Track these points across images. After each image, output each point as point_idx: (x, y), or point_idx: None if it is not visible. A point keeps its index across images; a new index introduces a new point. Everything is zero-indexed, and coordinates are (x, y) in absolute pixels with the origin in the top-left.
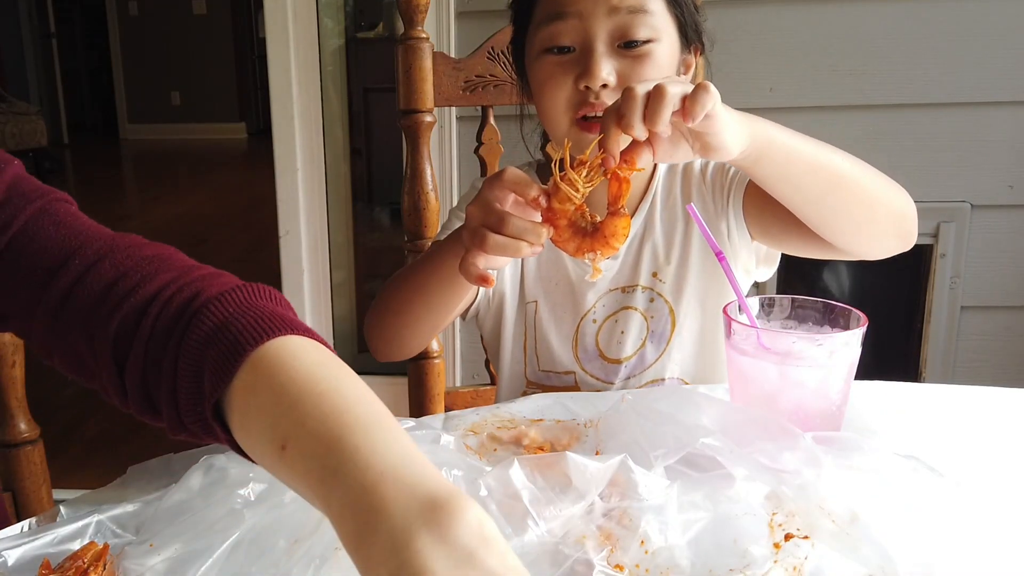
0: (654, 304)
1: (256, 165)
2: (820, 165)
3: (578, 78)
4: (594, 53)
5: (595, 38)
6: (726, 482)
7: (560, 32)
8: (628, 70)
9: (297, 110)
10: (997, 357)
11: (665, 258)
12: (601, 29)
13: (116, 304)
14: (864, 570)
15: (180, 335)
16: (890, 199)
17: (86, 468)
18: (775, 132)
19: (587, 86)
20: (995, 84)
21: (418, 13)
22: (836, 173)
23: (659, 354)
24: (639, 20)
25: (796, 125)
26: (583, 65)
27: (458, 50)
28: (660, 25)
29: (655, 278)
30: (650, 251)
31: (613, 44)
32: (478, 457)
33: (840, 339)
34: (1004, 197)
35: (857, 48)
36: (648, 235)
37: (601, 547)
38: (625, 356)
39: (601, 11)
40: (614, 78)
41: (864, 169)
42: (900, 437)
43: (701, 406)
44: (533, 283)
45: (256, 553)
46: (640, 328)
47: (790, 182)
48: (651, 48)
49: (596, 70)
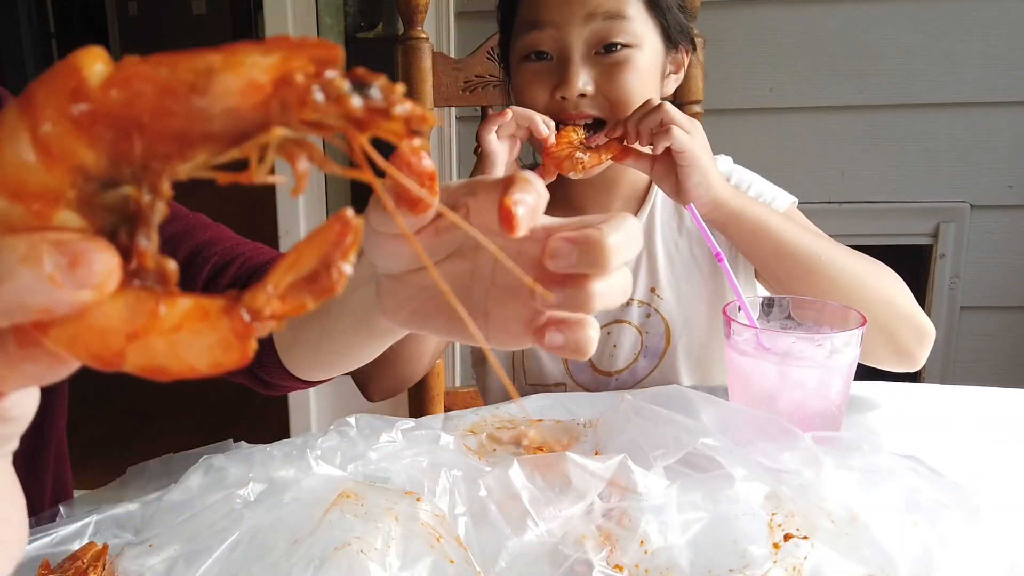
0: (650, 320)
1: None
2: (792, 251)
3: (555, 88)
4: (570, 64)
5: (571, 47)
6: (726, 482)
7: (537, 41)
8: (606, 78)
9: None
10: (996, 357)
11: (668, 274)
12: (577, 38)
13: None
14: (864, 570)
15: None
16: (883, 311)
17: (86, 468)
18: (752, 208)
19: (564, 96)
20: (995, 84)
21: (418, 13)
22: (809, 263)
23: (651, 369)
24: (617, 26)
25: (796, 125)
26: (560, 75)
27: (458, 50)
28: (639, 31)
29: (653, 293)
30: (647, 265)
31: (591, 51)
32: (477, 457)
33: (840, 339)
34: (1003, 197)
35: (857, 48)
36: (647, 248)
37: (601, 547)
38: (616, 369)
39: (577, 19)
40: (591, 87)
41: (856, 270)
42: (900, 437)
43: (701, 406)
44: None
45: (255, 553)
46: (634, 342)
47: (757, 257)
48: (629, 54)
49: (572, 81)
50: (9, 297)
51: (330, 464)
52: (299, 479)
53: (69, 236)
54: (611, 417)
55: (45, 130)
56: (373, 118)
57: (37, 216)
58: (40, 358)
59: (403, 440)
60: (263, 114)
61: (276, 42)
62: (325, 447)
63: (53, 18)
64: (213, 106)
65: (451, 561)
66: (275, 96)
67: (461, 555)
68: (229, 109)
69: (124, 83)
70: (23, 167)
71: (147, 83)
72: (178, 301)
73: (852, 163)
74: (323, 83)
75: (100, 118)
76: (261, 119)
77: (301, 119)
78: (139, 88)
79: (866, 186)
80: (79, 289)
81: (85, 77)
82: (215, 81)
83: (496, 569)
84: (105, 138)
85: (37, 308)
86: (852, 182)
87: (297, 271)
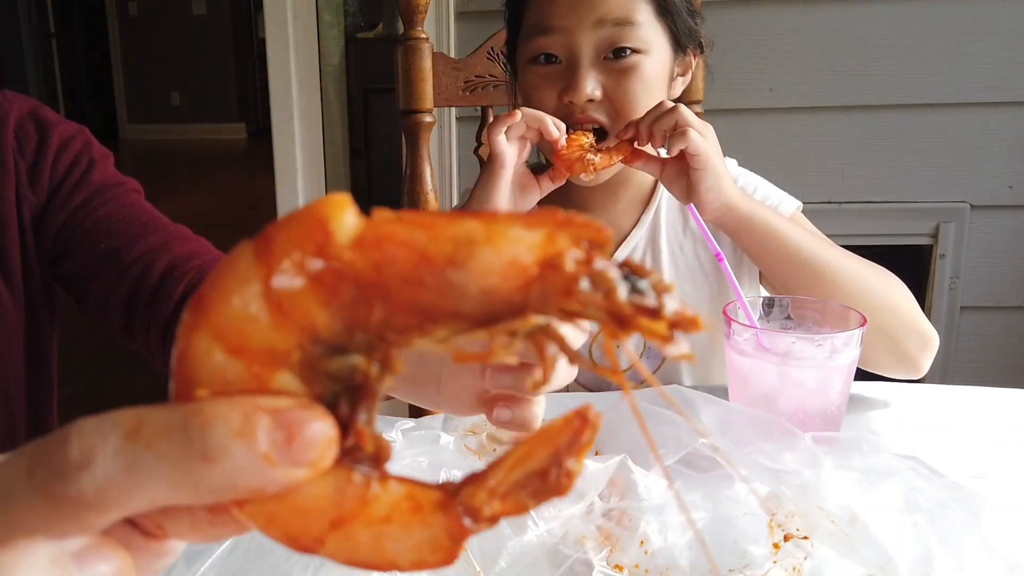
0: None
1: (256, 165)
2: (799, 257)
3: (563, 92)
4: (579, 69)
5: (580, 53)
6: (726, 482)
7: (546, 45)
8: (614, 83)
9: (297, 110)
10: (996, 357)
11: (672, 276)
12: (586, 43)
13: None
14: (863, 570)
15: None
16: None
17: None
18: (761, 213)
19: (571, 100)
20: (995, 84)
21: (418, 13)
22: (815, 269)
23: (654, 370)
24: (626, 32)
25: (796, 125)
26: (568, 79)
27: (458, 50)
28: (648, 36)
29: None
30: (652, 266)
31: (599, 56)
32: (477, 458)
33: (840, 339)
34: (1003, 198)
35: (857, 48)
36: (652, 249)
37: (601, 547)
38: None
39: (587, 24)
40: (599, 92)
41: (862, 276)
42: (900, 437)
43: (701, 406)
44: None
45: (255, 553)
46: (637, 343)
47: (764, 262)
48: (638, 60)
49: (581, 85)
50: (220, 479)
51: None
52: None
53: (286, 403)
54: (611, 417)
55: (281, 283)
56: (639, 316)
57: (256, 378)
58: (227, 525)
59: (403, 440)
60: (522, 298)
61: (542, 216)
62: None
63: (53, 18)
64: (469, 283)
65: None
66: (539, 280)
67: (461, 555)
68: (487, 289)
69: (376, 245)
70: (250, 321)
71: (402, 248)
72: (390, 487)
73: (852, 163)
74: (593, 273)
75: (344, 279)
76: (519, 303)
77: (561, 308)
78: (392, 253)
79: (866, 186)
80: (294, 467)
81: (332, 231)
82: (476, 256)
83: (496, 569)
84: (344, 302)
85: (248, 489)
86: (852, 182)
87: (525, 468)
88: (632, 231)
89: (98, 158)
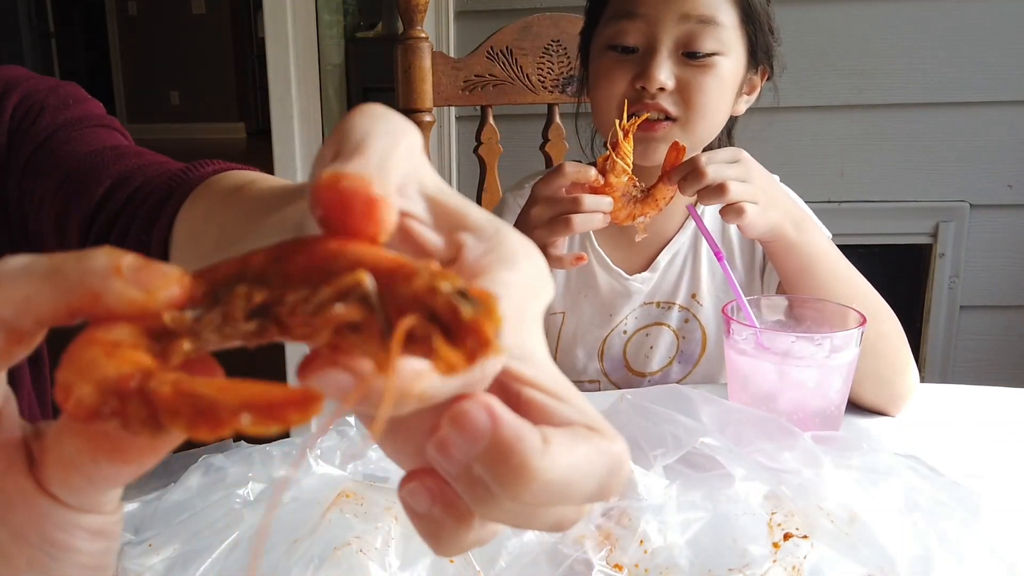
0: (688, 325)
1: (256, 165)
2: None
3: (635, 78)
4: (656, 55)
5: (659, 42)
6: (725, 482)
7: (626, 31)
8: (689, 78)
9: (297, 110)
10: (996, 357)
11: (709, 282)
12: (667, 35)
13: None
14: (863, 570)
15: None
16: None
17: None
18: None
19: (643, 87)
20: (995, 84)
21: (417, 13)
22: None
23: (685, 374)
24: (708, 31)
25: (796, 125)
26: (643, 65)
27: (457, 50)
28: (729, 39)
29: (694, 299)
30: (691, 270)
31: (677, 51)
32: None
33: (839, 338)
34: (1003, 197)
35: (857, 48)
36: (693, 254)
37: (600, 547)
38: (650, 371)
39: (671, 16)
40: (672, 82)
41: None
42: (899, 436)
43: (701, 406)
44: (561, 295)
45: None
46: (670, 346)
47: (791, 286)
48: (715, 61)
49: (655, 73)
50: (76, 273)
51: (330, 464)
52: (299, 479)
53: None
54: (611, 417)
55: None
56: (451, 316)
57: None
58: (105, 461)
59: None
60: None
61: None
62: (325, 447)
63: (53, 18)
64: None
65: (451, 561)
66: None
67: (460, 555)
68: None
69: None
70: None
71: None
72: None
73: (852, 163)
74: (436, 274)
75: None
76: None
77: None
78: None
79: (866, 186)
80: (135, 286)
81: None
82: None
83: (496, 568)
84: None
85: (91, 290)
86: (852, 182)
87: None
88: (675, 236)
89: (51, 105)
